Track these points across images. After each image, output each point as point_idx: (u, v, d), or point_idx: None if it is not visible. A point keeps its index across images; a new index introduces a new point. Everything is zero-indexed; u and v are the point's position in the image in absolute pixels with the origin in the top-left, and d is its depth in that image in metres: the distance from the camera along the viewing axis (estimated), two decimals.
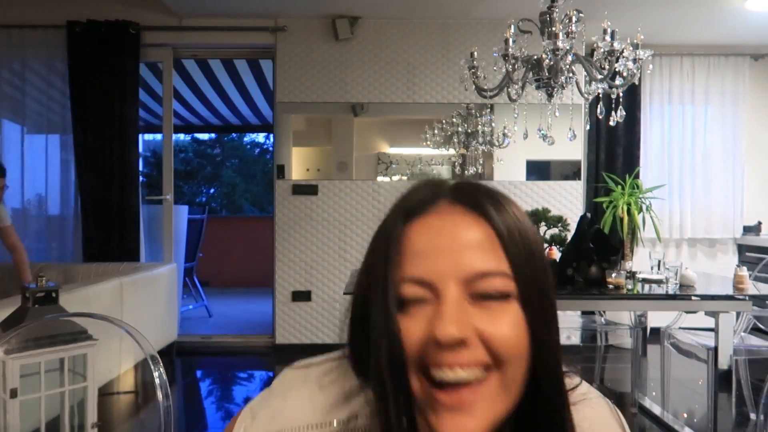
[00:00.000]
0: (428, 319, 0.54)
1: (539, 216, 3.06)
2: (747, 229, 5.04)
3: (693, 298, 2.59)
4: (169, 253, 4.70)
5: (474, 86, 2.86)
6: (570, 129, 2.85)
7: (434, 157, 4.76)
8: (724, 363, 2.61)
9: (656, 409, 3.17)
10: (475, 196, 0.58)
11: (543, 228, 3.09)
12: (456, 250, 0.55)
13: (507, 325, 0.54)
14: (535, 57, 2.64)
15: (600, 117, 2.71)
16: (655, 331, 3.43)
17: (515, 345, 0.54)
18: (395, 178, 4.71)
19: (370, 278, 0.58)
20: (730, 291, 2.68)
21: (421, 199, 0.59)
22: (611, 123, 2.68)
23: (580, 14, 2.49)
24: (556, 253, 2.90)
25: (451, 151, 4.71)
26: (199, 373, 4.33)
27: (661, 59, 4.92)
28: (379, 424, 0.55)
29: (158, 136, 6.27)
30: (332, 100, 4.55)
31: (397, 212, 0.60)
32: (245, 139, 11.92)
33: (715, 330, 2.61)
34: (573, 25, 2.47)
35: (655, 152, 5.01)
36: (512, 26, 2.61)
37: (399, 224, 0.58)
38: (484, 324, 0.54)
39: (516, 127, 3.18)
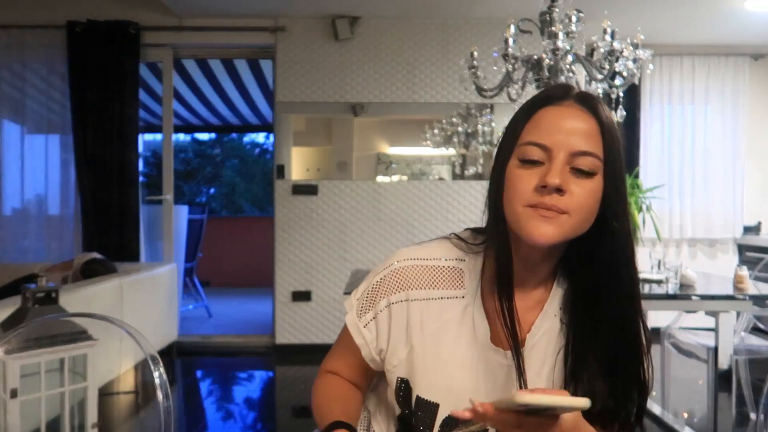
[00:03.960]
0: (540, 175, 0.79)
1: None
2: (747, 229, 5.04)
3: (693, 298, 2.59)
4: (169, 253, 4.70)
5: (474, 86, 2.86)
6: None
7: (434, 157, 4.76)
8: (724, 363, 2.61)
9: (656, 409, 3.16)
10: (591, 101, 0.82)
11: None
12: (571, 132, 0.79)
13: (588, 193, 0.79)
14: (535, 57, 2.64)
15: None
16: (655, 331, 3.42)
17: (588, 207, 0.80)
18: (395, 178, 4.71)
19: (502, 146, 0.85)
20: (730, 291, 2.69)
21: (554, 94, 0.83)
22: None
23: (580, 14, 2.49)
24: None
25: (451, 151, 4.71)
26: (199, 373, 4.33)
27: (661, 59, 4.92)
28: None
29: (158, 136, 6.27)
30: (332, 100, 4.56)
31: (534, 99, 0.84)
32: (245, 139, 11.92)
33: (715, 330, 2.61)
34: (573, 25, 2.48)
35: (655, 152, 5.01)
36: (512, 26, 2.61)
37: (534, 107, 0.83)
38: (574, 188, 0.78)
39: None
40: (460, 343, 0.89)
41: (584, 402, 0.65)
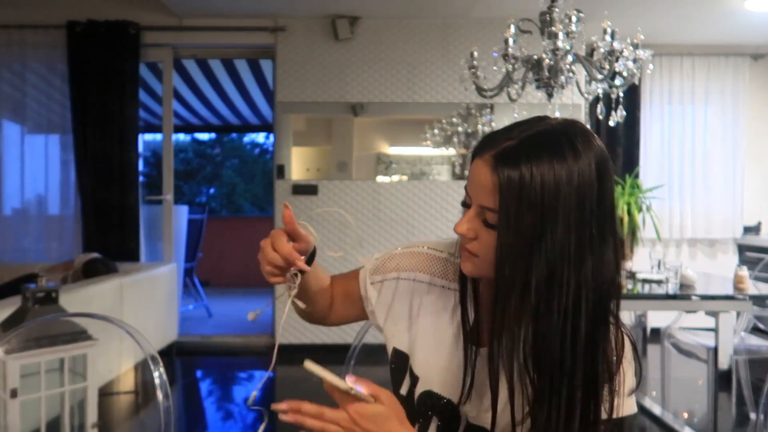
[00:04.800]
0: (466, 215, 0.86)
1: None
2: (747, 229, 5.04)
3: (693, 298, 2.59)
4: (169, 253, 4.70)
5: (474, 86, 2.86)
6: None
7: (434, 156, 4.76)
8: (724, 363, 2.61)
9: (656, 409, 3.16)
10: (500, 158, 0.81)
11: None
12: (481, 186, 0.82)
13: (486, 240, 0.83)
14: (535, 57, 2.64)
15: (600, 117, 2.71)
16: (655, 331, 3.43)
17: (490, 255, 0.82)
18: (395, 178, 4.71)
19: None
20: (730, 291, 2.69)
21: (480, 147, 0.86)
22: (611, 123, 2.68)
23: (580, 14, 2.49)
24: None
25: (451, 151, 4.71)
26: (199, 373, 4.33)
27: (661, 59, 4.92)
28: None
29: (158, 136, 6.27)
30: (332, 100, 4.56)
31: (475, 147, 0.88)
32: (245, 139, 11.92)
33: (715, 330, 2.61)
34: (573, 25, 2.48)
35: (655, 152, 5.01)
36: (512, 26, 2.61)
37: (474, 155, 0.87)
38: (484, 235, 0.83)
39: None
40: (450, 330, 0.96)
41: (345, 385, 0.75)
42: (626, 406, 0.87)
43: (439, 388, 0.93)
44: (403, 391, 0.98)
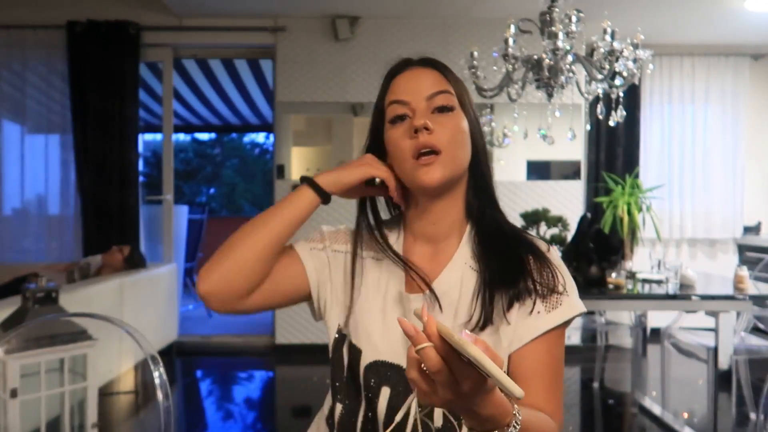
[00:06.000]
0: (409, 125, 0.93)
1: (539, 216, 3.06)
2: (747, 229, 5.04)
3: (693, 298, 2.59)
4: (169, 254, 4.70)
5: (474, 86, 2.86)
6: (570, 129, 2.85)
7: None
8: (724, 363, 2.61)
9: (656, 409, 3.17)
10: (429, 61, 1.01)
11: (543, 228, 3.09)
12: (421, 83, 0.95)
13: (453, 126, 0.93)
14: (535, 57, 2.64)
15: (600, 117, 2.71)
16: (655, 331, 3.43)
17: (456, 139, 0.93)
18: None
19: (374, 113, 1.01)
20: (730, 291, 2.69)
21: (399, 66, 1.01)
22: (611, 123, 2.68)
23: (580, 14, 2.49)
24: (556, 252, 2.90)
25: None
26: (199, 373, 4.33)
27: (661, 59, 4.92)
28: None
29: (158, 136, 6.28)
30: (332, 100, 4.55)
31: (386, 76, 1.01)
32: (245, 139, 11.92)
33: (715, 330, 2.61)
34: (573, 25, 2.48)
35: (655, 152, 5.01)
36: (512, 26, 2.61)
37: (387, 81, 1.00)
38: (439, 127, 0.92)
39: (516, 127, 3.18)
40: (379, 295, 0.97)
41: (519, 392, 0.59)
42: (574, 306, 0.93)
43: (386, 355, 0.92)
44: (346, 373, 0.97)
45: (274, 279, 0.97)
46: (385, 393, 0.92)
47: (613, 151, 4.91)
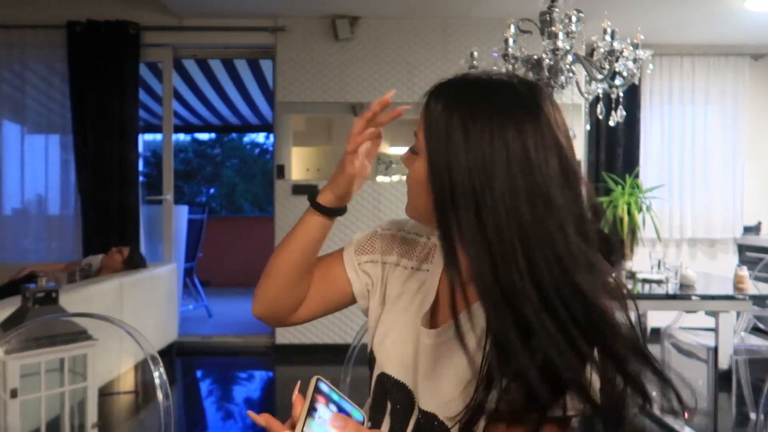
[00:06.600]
0: None
1: None
2: (747, 229, 5.04)
3: (693, 298, 2.59)
4: (169, 253, 4.70)
5: None
6: (570, 129, 2.84)
7: None
8: (724, 363, 2.61)
9: (656, 409, 3.16)
10: (433, 93, 0.84)
11: None
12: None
13: (416, 169, 0.85)
14: (535, 57, 2.64)
15: (600, 117, 2.71)
16: (655, 331, 3.43)
17: (414, 182, 0.86)
18: (395, 178, 4.71)
19: None
20: (730, 291, 2.69)
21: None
22: (611, 123, 2.68)
23: (580, 14, 2.49)
24: None
25: None
26: (199, 373, 4.33)
27: (661, 59, 4.92)
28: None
29: (158, 136, 6.27)
30: (332, 100, 4.55)
31: None
32: (245, 139, 11.92)
33: (715, 330, 2.61)
34: (573, 24, 2.48)
35: (655, 152, 5.01)
36: (512, 26, 2.61)
37: None
38: (411, 166, 0.86)
39: None
40: (408, 313, 0.94)
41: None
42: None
43: (393, 370, 0.92)
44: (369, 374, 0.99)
45: (312, 294, 1.01)
46: (388, 407, 0.93)
47: (613, 151, 4.91)
